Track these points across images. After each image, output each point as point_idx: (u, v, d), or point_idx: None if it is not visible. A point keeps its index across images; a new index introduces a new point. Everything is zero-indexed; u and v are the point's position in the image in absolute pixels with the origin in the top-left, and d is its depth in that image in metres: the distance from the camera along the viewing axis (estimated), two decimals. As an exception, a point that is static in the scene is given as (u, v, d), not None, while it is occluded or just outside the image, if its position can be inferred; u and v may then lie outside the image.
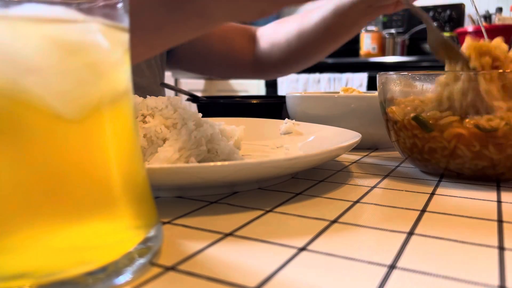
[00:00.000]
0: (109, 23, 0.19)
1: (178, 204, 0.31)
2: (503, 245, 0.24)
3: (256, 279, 0.20)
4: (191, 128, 0.39)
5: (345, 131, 0.46)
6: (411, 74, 0.40)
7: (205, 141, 0.38)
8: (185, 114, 0.40)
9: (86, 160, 0.19)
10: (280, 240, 0.24)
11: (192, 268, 0.21)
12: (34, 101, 0.17)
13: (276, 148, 0.51)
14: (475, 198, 0.33)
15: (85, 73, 0.18)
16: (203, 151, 0.38)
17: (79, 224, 0.18)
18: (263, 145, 0.52)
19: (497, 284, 0.19)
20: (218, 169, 0.29)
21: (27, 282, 0.17)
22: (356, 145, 0.38)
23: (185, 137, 0.37)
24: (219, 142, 0.39)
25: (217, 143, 0.39)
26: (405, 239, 0.24)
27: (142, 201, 0.22)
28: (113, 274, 0.19)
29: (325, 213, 0.29)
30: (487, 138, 0.34)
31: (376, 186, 0.36)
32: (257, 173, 0.31)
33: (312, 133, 0.51)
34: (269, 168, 0.32)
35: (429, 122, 0.37)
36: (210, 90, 2.60)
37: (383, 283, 0.19)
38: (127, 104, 0.21)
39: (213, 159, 0.39)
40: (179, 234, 0.25)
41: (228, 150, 0.39)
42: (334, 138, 0.45)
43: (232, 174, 0.30)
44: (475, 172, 0.37)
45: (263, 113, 0.62)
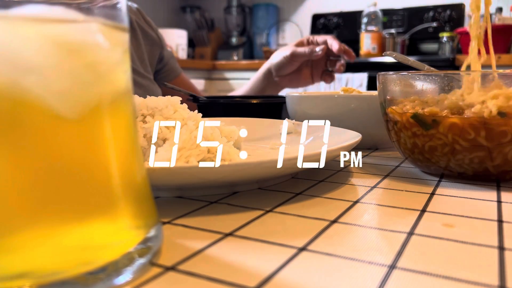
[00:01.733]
0: (109, 23, 0.19)
1: (178, 204, 0.31)
2: (503, 245, 0.24)
3: (256, 279, 0.20)
4: (191, 128, 0.39)
5: (346, 131, 0.46)
6: (411, 74, 0.40)
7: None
8: (185, 114, 0.40)
9: (86, 160, 0.19)
10: (280, 240, 0.24)
11: (192, 268, 0.21)
12: (34, 101, 0.17)
13: (276, 148, 0.51)
14: (475, 198, 0.33)
15: (85, 73, 0.18)
16: (203, 151, 0.38)
17: (79, 224, 0.18)
18: (263, 145, 0.52)
19: (497, 284, 0.19)
20: (218, 169, 0.29)
21: (27, 282, 0.17)
22: (356, 145, 0.38)
23: (185, 137, 0.37)
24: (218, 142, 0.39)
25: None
26: (405, 239, 0.24)
27: (142, 201, 0.22)
28: (113, 274, 0.19)
29: (325, 213, 0.29)
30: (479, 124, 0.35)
31: (376, 186, 0.36)
32: (257, 173, 0.31)
33: (312, 133, 0.51)
34: (269, 168, 0.32)
35: (428, 119, 0.37)
36: (210, 90, 2.60)
37: (383, 283, 0.19)
38: (127, 104, 0.21)
39: (213, 159, 0.39)
40: (179, 234, 0.25)
41: (228, 150, 0.39)
42: (334, 138, 0.45)
43: (232, 174, 0.30)
44: (475, 171, 0.37)
45: (263, 113, 0.62)
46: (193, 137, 0.38)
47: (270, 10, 2.90)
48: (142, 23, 0.93)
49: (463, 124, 0.35)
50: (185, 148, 0.37)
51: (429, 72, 0.40)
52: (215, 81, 2.62)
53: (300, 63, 0.96)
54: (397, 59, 0.51)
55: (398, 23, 2.46)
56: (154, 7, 2.87)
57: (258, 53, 2.91)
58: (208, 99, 0.77)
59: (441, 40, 2.26)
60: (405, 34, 2.38)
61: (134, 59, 0.88)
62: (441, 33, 2.27)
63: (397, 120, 0.40)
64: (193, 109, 0.48)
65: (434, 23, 2.33)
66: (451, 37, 2.21)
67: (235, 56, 2.84)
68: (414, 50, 2.42)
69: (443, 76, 0.39)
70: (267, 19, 2.90)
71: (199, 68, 2.53)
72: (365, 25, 2.36)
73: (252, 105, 0.74)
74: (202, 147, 0.37)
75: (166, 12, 3.00)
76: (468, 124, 0.35)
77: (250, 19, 2.98)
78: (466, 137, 0.35)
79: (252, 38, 3.00)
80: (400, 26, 2.45)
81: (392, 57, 0.51)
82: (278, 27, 2.94)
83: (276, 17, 2.93)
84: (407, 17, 2.45)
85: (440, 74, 0.39)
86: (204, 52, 2.83)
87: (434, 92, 0.39)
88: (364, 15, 2.38)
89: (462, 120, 0.35)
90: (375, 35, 2.33)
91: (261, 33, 2.91)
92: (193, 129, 0.39)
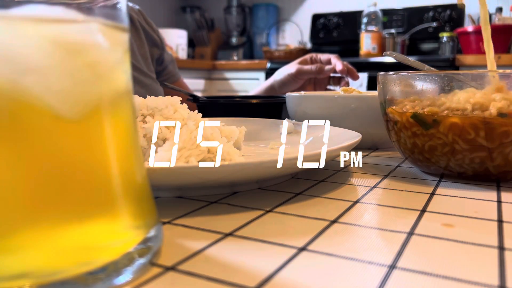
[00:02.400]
0: (109, 23, 0.19)
1: (178, 204, 0.31)
2: (503, 245, 0.24)
3: (256, 279, 0.20)
4: (191, 128, 0.39)
5: (346, 131, 0.46)
6: (411, 74, 0.40)
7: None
8: (185, 114, 0.40)
9: (85, 160, 0.19)
10: (280, 240, 0.24)
11: (192, 268, 0.21)
12: (34, 101, 0.17)
13: (276, 148, 0.51)
14: (475, 198, 0.33)
15: (85, 73, 0.18)
16: (203, 151, 0.38)
17: (79, 224, 0.18)
18: (263, 145, 0.52)
19: (497, 284, 0.19)
20: (218, 169, 0.29)
21: (27, 282, 0.17)
22: (356, 145, 0.38)
23: (185, 137, 0.37)
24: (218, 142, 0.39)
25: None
26: (405, 239, 0.24)
27: (142, 201, 0.22)
28: (113, 274, 0.19)
29: (325, 213, 0.29)
30: (479, 123, 0.35)
31: (376, 186, 0.36)
32: (257, 173, 0.31)
33: (312, 133, 0.51)
34: (269, 168, 0.32)
35: (428, 119, 0.37)
36: (210, 90, 2.60)
37: (383, 283, 0.19)
38: (127, 104, 0.21)
39: (213, 159, 0.39)
40: (179, 234, 0.25)
41: (228, 150, 0.39)
42: (334, 138, 0.45)
43: (232, 174, 0.30)
44: (475, 171, 0.37)
45: (263, 113, 0.62)
46: (193, 137, 0.38)
47: (270, 10, 2.90)
48: (144, 24, 0.93)
49: (463, 123, 0.35)
50: (185, 148, 0.37)
51: (429, 72, 0.40)
52: (215, 81, 2.62)
53: (304, 80, 0.97)
54: (397, 59, 0.51)
55: (398, 23, 2.46)
56: (154, 7, 2.87)
57: (258, 53, 2.91)
58: (208, 99, 0.77)
59: (441, 40, 2.26)
60: (405, 34, 2.38)
61: (138, 57, 0.89)
62: (441, 33, 2.27)
63: (397, 120, 0.40)
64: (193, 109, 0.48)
65: (434, 23, 2.33)
66: (451, 37, 2.21)
67: (235, 56, 2.84)
68: (414, 50, 2.42)
69: (443, 76, 0.39)
70: (267, 19, 2.90)
71: (199, 68, 2.53)
72: (365, 25, 2.36)
73: (252, 105, 0.74)
74: (202, 147, 0.37)
75: (166, 12, 3.00)
76: (468, 124, 0.35)
77: (250, 19, 2.98)
78: (466, 137, 0.35)
79: (252, 38, 3.00)
80: (400, 26, 2.45)
81: (392, 57, 0.51)
82: (278, 27, 2.94)
83: (276, 17, 2.93)
84: (407, 17, 2.45)
85: (440, 74, 0.39)
86: (204, 52, 2.83)
87: (434, 92, 0.39)
88: (364, 15, 2.37)
89: (463, 119, 0.35)
90: (375, 35, 2.33)
91: (261, 33, 2.91)
92: (193, 129, 0.39)
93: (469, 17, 2.20)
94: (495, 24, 2.10)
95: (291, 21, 2.89)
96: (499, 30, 2.04)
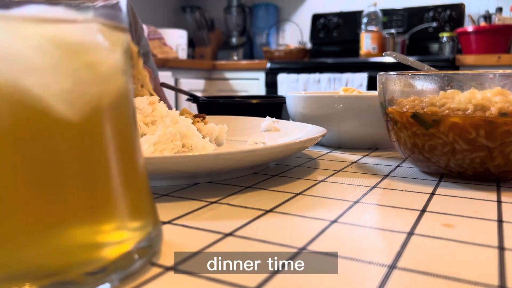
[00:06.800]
0: (109, 23, 0.19)
1: (178, 204, 0.31)
2: (503, 245, 0.24)
3: (256, 279, 0.20)
4: (167, 124, 0.41)
5: (317, 128, 0.48)
6: (411, 74, 0.40)
7: (180, 137, 0.41)
8: (164, 112, 0.43)
9: (85, 160, 0.19)
10: (280, 240, 0.24)
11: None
12: (34, 101, 0.17)
13: (254, 144, 0.53)
14: (475, 198, 0.33)
15: (85, 73, 0.18)
16: (177, 146, 0.41)
17: (79, 224, 0.18)
18: (243, 141, 0.55)
19: (497, 284, 0.19)
20: (176, 159, 0.32)
21: (27, 282, 0.17)
22: (356, 145, 0.38)
23: (161, 132, 0.40)
24: (193, 138, 0.42)
25: (191, 138, 0.42)
26: (405, 239, 0.24)
27: (142, 201, 0.22)
28: (113, 274, 0.19)
29: (325, 213, 0.29)
30: (480, 122, 0.35)
31: (376, 186, 0.36)
32: (214, 164, 0.34)
33: (289, 130, 0.54)
34: (225, 160, 0.34)
35: (428, 118, 0.37)
36: (210, 90, 2.60)
37: (383, 283, 0.19)
38: (127, 104, 0.21)
39: (187, 153, 0.41)
40: (179, 234, 0.25)
41: (202, 145, 0.42)
42: (303, 133, 0.49)
43: (188, 165, 0.33)
44: (476, 171, 0.37)
45: (263, 113, 0.61)
46: (168, 133, 0.40)
47: (270, 10, 2.90)
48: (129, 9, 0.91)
49: (464, 123, 0.35)
50: (160, 143, 0.40)
51: (429, 72, 0.40)
52: (215, 81, 2.62)
53: None
54: (397, 59, 0.51)
55: (398, 23, 2.46)
56: (154, 7, 2.87)
57: (258, 53, 2.91)
58: (208, 99, 0.77)
59: (441, 40, 2.26)
60: (405, 34, 2.38)
61: None
62: (441, 33, 2.27)
63: (397, 120, 0.40)
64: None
65: (434, 23, 2.33)
66: (451, 37, 2.21)
67: (235, 56, 2.84)
68: (414, 50, 2.42)
69: (443, 76, 0.39)
70: (267, 19, 2.90)
71: (199, 68, 2.53)
72: (365, 25, 2.36)
73: (252, 105, 0.74)
74: (177, 142, 0.40)
75: (166, 12, 3.00)
76: (469, 123, 0.35)
77: (250, 19, 2.98)
78: (467, 136, 0.35)
79: (252, 38, 3.00)
80: (400, 26, 2.45)
81: (392, 57, 0.51)
82: (278, 27, 2.94)
83: (276, 17, 2.93)
84: (407, 17, 2.45)
85: (440, 74, 0.39)
86: (204, 52, 2.83)
87: (434, 92, 0.39)
88: (364, 15, 2.37)
89: (464, 119, 0.35)
90: (375, 35, 2.33)
91: (261, 33, 2.91)
92: (169, 125, 0.41)
93: (469, 17, 2.20)
94: (495, 24, 2.10)
95: (291, 21, 2.89)
96: (499, 30, 2.04)
